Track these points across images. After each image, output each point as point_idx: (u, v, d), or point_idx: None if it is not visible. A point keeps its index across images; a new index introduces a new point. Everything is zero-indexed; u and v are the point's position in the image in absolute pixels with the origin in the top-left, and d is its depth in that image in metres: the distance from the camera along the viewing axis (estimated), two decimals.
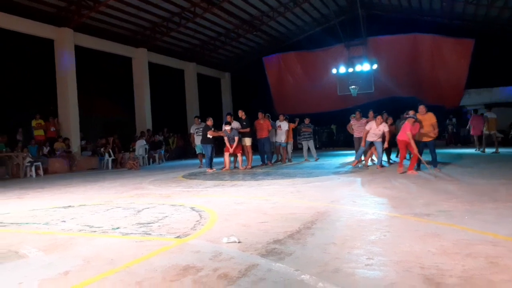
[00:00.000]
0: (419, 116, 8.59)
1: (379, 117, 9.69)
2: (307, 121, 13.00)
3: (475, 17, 18.21)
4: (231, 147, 10.49)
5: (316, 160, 12.76)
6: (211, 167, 10.69)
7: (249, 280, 2.60)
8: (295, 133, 14.40)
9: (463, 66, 18.46)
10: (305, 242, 3.44)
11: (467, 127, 14.85)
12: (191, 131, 12.26)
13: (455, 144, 18.38)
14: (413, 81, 19.39)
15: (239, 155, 10.80)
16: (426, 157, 8.75)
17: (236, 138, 10.41)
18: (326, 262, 2.91)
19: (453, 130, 19.16)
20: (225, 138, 10.55)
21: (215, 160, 11.56)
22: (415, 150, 7.93)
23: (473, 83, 18.79)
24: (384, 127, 9.54)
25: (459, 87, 18.93)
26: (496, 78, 18.76)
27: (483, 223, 3.81)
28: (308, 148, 13.04)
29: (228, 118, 11.09)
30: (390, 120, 10.88)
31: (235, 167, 11.24)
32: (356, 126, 11.22)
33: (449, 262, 2.76)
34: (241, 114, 11.55)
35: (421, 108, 8.74)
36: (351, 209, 4.91)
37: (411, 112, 8.11)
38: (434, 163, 8.62)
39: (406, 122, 8.06)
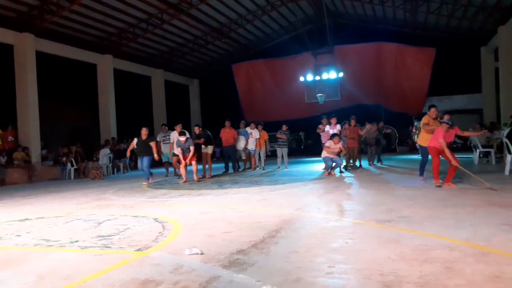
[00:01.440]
0: (428, 119, 7.50)
1: (336, 137, 9.95)
2: (284, 128, 12.86)
3: (437, 27, 18.93)
4: (186, 158, 9.69)
5: (286, 168, 12.79)
6: (148, 178, 10.05)
7: None
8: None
9: (425, 74, 19.14)
10: (268, 252, 3.42)
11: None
12: (158, 139, 12.05)
13: (418, 150, 18.89)
14: (378, 88, 19.92)
15: (194, 163, 9.95)
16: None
17: (192, 148, 9.69)
18: (288, 271, 2.89)
19: (417, 137, 19.72)
20: (179, 150, 9.71)
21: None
22: (452, 160, 6.60)
23: (435, 90, 19.50)
24: (341, 145, 10.02)
25: (421, 95, 19.57)
26: (456, 86, 19.55)
27: (442, 228, 3.91)
28: (282, 155, 13.02)
29: (196, 129, 10.89)
30: (353, 122, 11.20)
31: (202, 177, 10.83)
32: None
33: (407, 269, 2.81)
34: (197, 130, 11.17)
35: (433, 110, 7.48)
36: (315, 216, 4.93)
37: (446, 117, 6.86)
38: None
39: (440, 128, 6.81)
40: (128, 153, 11.05)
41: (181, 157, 9.70)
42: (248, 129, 12.46)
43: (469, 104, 19.86)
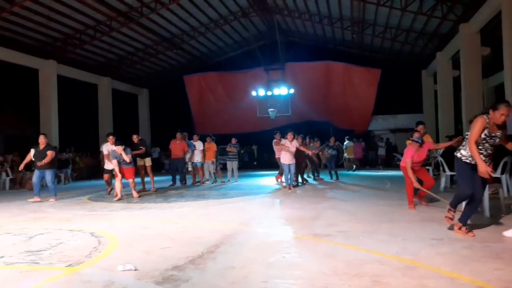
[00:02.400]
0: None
1: (289, 133, 9.90)
2: (233, 141, 12.84)
3: (382, 49, 19.98)
4: (121, 170, 8.72)
5: (236, 181, 12.76)
6: (38, 194, 8.85)
7: None
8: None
9: (371, 94, 20.10)
10: (204, 267, 3.38)
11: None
12: (102, 149, 11.59)
13: (363, 166, 19.65)
14: (326, 106, 20.61)
15: (131, 181, 8.94)
16: None
17: (128, 160, 8.69)
18: (221, 287, 2.87)
19: (363, 153, 20.51)
20: (114, 162, 8.70)
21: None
22: (414, 183, 6.04)
23: (380, 109, 20.50)
24: (296, 144, 9.92)
25: (367, 113, 20.51)
26: (400, 106, 20.65)
27: (376, 243, 4.06)
28: (232, 169, 12.98)
29: (135, 138, 10.23)
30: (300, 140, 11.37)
31: (142, 190, 10.16)
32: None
33: (338, 283, 2.89)
34: (135, 138, 10.57)
35: (422, 127, 6.97)
36: (257, 230, 4.96)
37: (415, 134, 6.34)
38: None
39: (409, 146, 6.27)
40: (22, 166, 9.25)
41: (116, 169, 8.68)
42: (192, 141, 12.31)
43: (411, 123, 20.78)
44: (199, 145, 12.21)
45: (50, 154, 8.84)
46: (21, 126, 17.62)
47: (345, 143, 17.57)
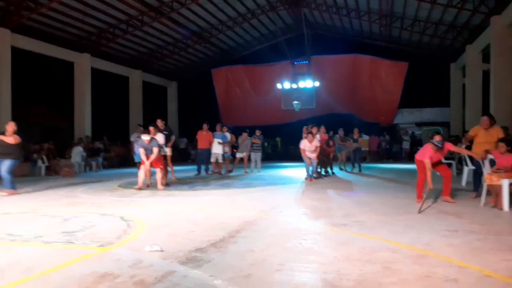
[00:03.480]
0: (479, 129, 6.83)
1: (309, 135, 10.07)
2: (257, 133, 13.09)
3: (410, 42, 19.66)
4: (148, 159, 8.50)
5: (259, 172, 12.99)
6: (12, 187, 8.14)
7: (163, 286, 2.73)
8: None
9: (397, 87, 19.88)
10: (225, 250, 3.61)
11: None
12: (132, 139, 12.03)
13: (387, 159, 19.53)
14: (352, 98, 20.51)
15: (158, 170, 8.69)
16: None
17: (156, 150, 8.52)
18: (241, 268, 3.10)
19: (386, 146, 20.38)
20: (141, 150, 8.59)
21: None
22: (429, 183, 5.91)
23: (406, 103, 20.26)
24: (316, 143, 10.07)
25: (393, 106, 20.31)
26: (426, 100, 20.33)
27: (391, 233, 4.19)
28: (256, 160, 13.22)
29: (159, 122, 10.08)
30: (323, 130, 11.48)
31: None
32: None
33: (349, 268, 3.06)
34: (159, 123, 10.38)
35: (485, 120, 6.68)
36: (277, 219, 5.17)
37: (436, 138, 6.05)
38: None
39: (429, 145, 6.16)
40: None
41: (143, 158, 8.55)
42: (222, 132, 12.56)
43: (437, 117, 20.65)
44: (229, 136, 12.50)
45: (15, 140, 8.06)
46: (56, 117, 18.42)
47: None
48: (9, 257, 3.48)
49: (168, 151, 10.33)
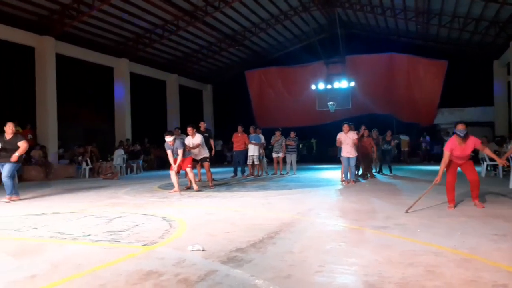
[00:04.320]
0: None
1: (345, 125, 9.64)
2: (292, 134, 13.09)
3: (449, 40, 19.02)
4: (175, 162, 8.26)
5: (294, 174, 12.97)
6: (15, 193, 7.62)
7: (206, 284, 2.80)
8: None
9: (437, 86, 19.26)
10: (265, 251, 3.66)
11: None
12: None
13: (428, 161, 18.95)
14: (389, 99, 20.06)
15: (188, 170, 8.45)
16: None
17: (180, 151, 8.22)
18: (281, 268, 3.13)
19: (427, 148, 19.79)
20: (168, 152, 8.38)
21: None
22: (438, 176, 5.87)
23: (446, 102, 19.57)
24: (353, 135, 9.55)
25: (433, 106, 19.69)
26: (468, 99, 19.55)
27: (433, 236, 4.10)
28: (291, 161, 13.22)
29: (201, 124, 10.20)
30: (366, 132, 11.18)
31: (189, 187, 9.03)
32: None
33: (391, 270, 3.02)
34: (202, 126, 10.70)
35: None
36: (314, 220, 5.16)
37: (459, 126, 5.86)
38: None
39: (452, 137, 5.96)
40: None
41: (171, 161, 8.35)
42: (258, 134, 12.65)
43: (481, 117, 19.78)
44: (262, 138, 12.57)
45: (23, 144, 7.60)
46: (98, 120, 19.12)
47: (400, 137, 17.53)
48: (61, 254, 3.68)
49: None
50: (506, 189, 8.04)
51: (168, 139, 8.23)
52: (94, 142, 15.52)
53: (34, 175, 12.76)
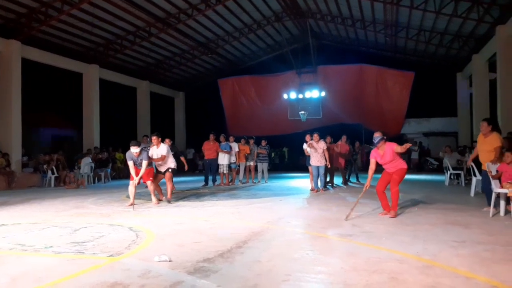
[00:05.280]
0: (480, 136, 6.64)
1: (315, 135, 9.77)
2: (263, 143, 13.17)
3: (415, 52, 19.69)
4: (137, 174, 7.75)
5: (266, 182, 13.02)
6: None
7: None
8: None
9: (404, 97, 19.85)
10: (233, 260, 3.65)
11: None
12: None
13: None
14: (358, 109, 20.51)
15: (149, 183, 7.98)
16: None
17: (145, 163, 7.73)
18: (248, 278, 3.13)
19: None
20: (130, 163, 7.83)
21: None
22: (367, 183, 6.18)
23: (413, 113, 20.21)
24: (323, 145, 9.74)
25: (400, 116, 20.27)
26: (433, 109, 20.28)
27: (398, 243, 4.20)
28: (262, 170, 13.28)
29: (154, 139, 8.43)
30: (328, 139, 11.21)
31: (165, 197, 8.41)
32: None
33: (356, 278, 3.08)
34: (168, 143, 9.65)
35: (483, 125, 6.44)
36: (284, 229, 5.19)
37: (375, 134, 6.30)
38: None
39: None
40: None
41: (132, 172, 7.81)
42: (228, 143, 12.62)
43: (446, 127, 20.58)
44: (234, 146, 12.52)
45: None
46: (65, 127, 18.64)
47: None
48: (21, 267, 3.54)
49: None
50: (468, 198, 8.33)
51: (134, 150, 7.71)
52: (61, 149, 15.05)
53: None
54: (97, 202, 8.58)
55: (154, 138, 8.33)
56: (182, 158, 10.28)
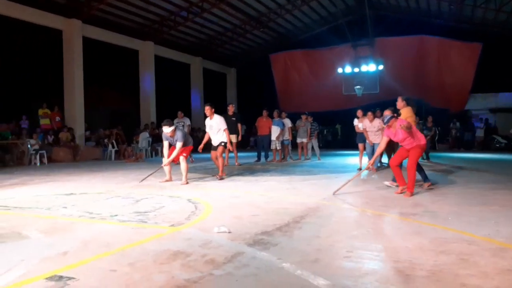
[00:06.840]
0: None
1: (369, 113, 9.11)
2: (310, 119, 12.92)
3: (484, 21, 18.16)
4: (169, 154, 7.36)
5: (319, 159, 12.76)
6: None
7: (233, 266, 2.79)
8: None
9: (469, 70, 18.49)
10: (291, 235, 3.62)
11: None
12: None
13: (458, 148, 18.40)
14: (418, 83, 19.40)
15: (181, 159, 7.35)
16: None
17: (180, 144, 7.16)
18: (308, 252, 3.09)
19: (457, 134, 19.17)
20: (166, 144, 7.46)
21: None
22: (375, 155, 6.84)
23: (479, 87, 18.77)
24: (379, 124, 8.84)
25: (464, 91, 18.94)
26: (503, 84, 18.70)
27: (465, 224, 3.96)
28: (312, 147, 13.02)
29: (230, 108, 9.53)
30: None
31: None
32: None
33: (423, 257, 2.93)
34: (231, 109, 10.56)
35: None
36: (340, 206, 5.08)
37: (385, 112, 6.41)
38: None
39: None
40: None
41: (165, 153, 7.48)
42: (280, 119, 12.45)
43: None
44: (287, 122, 12.36)
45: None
46: (124, 103, 19.40)
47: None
48: (90, 233, 3.75)
49: (233, 137, 10.32)
50: None
51: (167, 129, 7.17)
52: (120, 125, 15.74)
53: (62, 156, 13.08)
54: (155, 174, 8.88)
55: (207, 108, 7.95)
56: (239, 125, 10.74)
